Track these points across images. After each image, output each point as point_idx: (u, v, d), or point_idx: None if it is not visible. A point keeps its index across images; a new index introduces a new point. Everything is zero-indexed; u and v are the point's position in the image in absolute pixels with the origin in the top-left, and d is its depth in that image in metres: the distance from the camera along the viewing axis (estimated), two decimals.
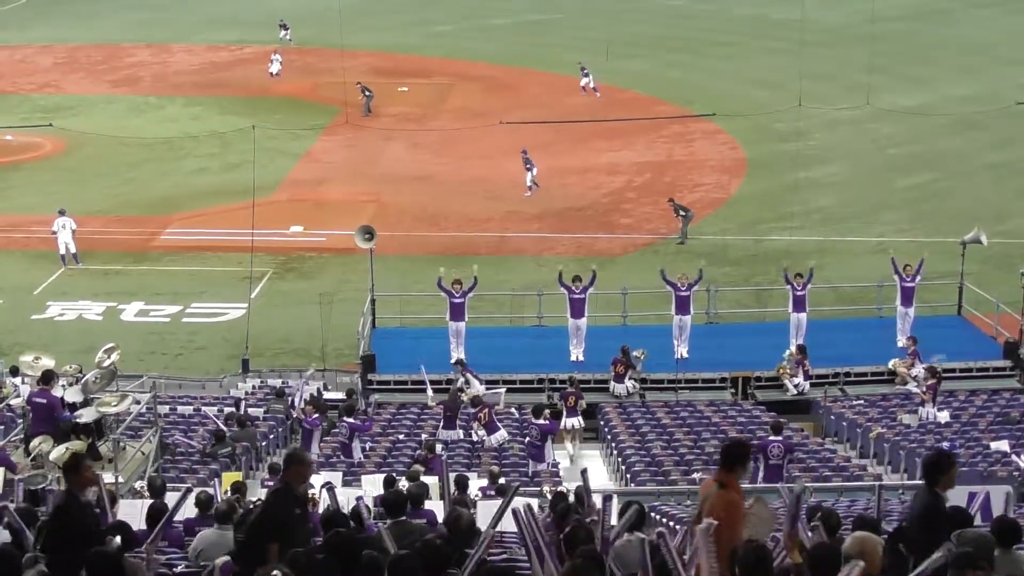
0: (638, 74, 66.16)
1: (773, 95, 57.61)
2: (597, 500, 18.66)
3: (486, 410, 27.61)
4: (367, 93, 59.64)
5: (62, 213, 41.52)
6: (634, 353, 30.99)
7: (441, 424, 27.98)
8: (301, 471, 11.51)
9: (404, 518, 12.73)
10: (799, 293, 32.24)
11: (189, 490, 15.01)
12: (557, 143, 54.04)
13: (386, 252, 38.04)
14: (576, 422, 29.20)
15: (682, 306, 32.28)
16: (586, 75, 63.38)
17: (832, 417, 29.97)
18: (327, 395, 31.40)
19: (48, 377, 22.56)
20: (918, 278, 32.70)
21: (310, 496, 17.53)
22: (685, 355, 32.19)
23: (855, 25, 69.78)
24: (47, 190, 49.17)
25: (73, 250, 41.36)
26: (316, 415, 27.42)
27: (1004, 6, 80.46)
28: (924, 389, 28.90)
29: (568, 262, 39.25)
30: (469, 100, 62.62)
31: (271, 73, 66.83)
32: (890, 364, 31.67)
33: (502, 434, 27.46)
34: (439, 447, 25.40)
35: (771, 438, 24.81)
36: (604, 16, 78.30)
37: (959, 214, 43.03)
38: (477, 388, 29.62)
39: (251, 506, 13.25)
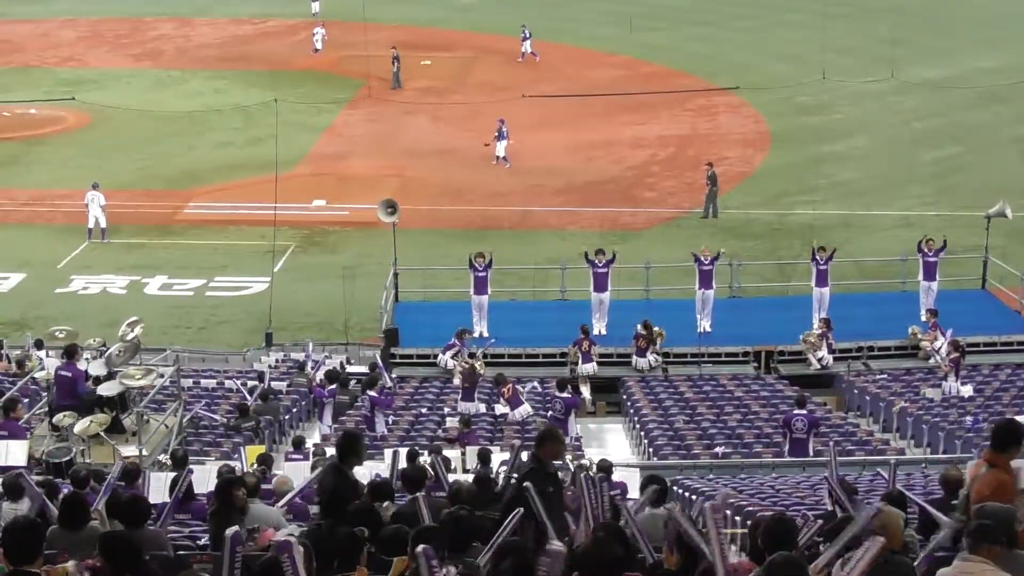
0: (661, 47, 65.89)
1: (797, 68, 57.36)
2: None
3: (510, 385, 27.65)
4: (396, 62, 59.41)
5: (95, 187, 41.59)
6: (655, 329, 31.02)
7: (460, 397, 28.04)
8: (555, 448, 11.54)
9: (424, 493, 12.70)
10: (822, 267, 32.13)
11: (190, 471, 15.15)
12: (581, 117, 53.93)
13: (409, 226, 38.01)
14: (592, 368, 30.04)
15: (705, 280, 32.22)
16: (526, 38, 63.33)
17: (855, 391, 29.93)
18: (350, 368, 31.45)
19: (72, 351, 22.69)
20: (942, 254, 32.56)
21: None
22: (708, 329, 32.13)
23: None
24: (71, 164, 49.32)
25: (103, 225, 41.40)
26: (331, 387, 27.47)
27: None
28: (947, 363, 28.83)
29: (592, 236, 39.23)
30: (492, 74, 62.46)
31: (315, 50, 65.70)
32: (909, 331, 31.56)
33: (526, 408, 27.48)
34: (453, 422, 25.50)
35: (795, 411, 24.83)
36: None
37: (984, 187, 42.80)
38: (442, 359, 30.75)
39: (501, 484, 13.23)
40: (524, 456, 11.85)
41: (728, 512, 13.61)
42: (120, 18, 76.86)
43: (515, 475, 11.48)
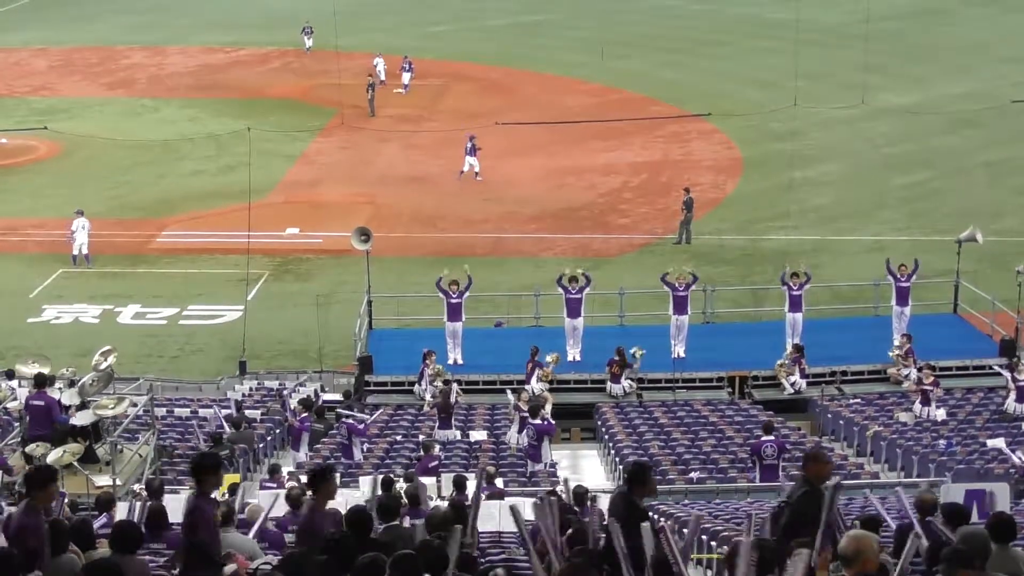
0: (633, 74, 66.13)
1: (768, 95, 57.62)
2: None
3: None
4: (372, 90, 59.53)
5: (80, 213, 41.52)
6: (631, 351, 30.97)
7: (436, 425, 27.97)
8: (819, 468, 11.43)
9: (397, 523, 12.65)
10: (795, 293, 32.21)
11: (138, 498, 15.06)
12: (553, 144, 54.04)
13: (382, 254, 38.01)
14: (537, 387, 30.02)
15: (679, 306, 32.26)
16: (407, 70, 63.50)
17: (829, 416, 30.00)
18: (325, 396, 31.38)
19: (42, 380, 22.58)
20: (913, 278, 32.69)
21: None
22: (682, 355, 32.20)
23: (850, 24, 69.69)
24: (43, 193, 49.20)
25: (86, 251, 41.34)
26: (305, 414, 27.38)
27: (999, 5, 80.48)
28: (925, 386, 28.90)
29: (565, 263, 39.28)
30: (465, 101, 62.56)
31: (381, 81, 64.22)
32: (890, 354, 31.65)
33: (512, 435, 27.51)
34: (437, 448, 25.39)
35: (764, 438, 24.84)
36: (598, 16, 78.19)
37: (955, 212, 43.09)
38: (421, 387, 30.68)
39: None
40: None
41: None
42: (92, 47, 76.77)
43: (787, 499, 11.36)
